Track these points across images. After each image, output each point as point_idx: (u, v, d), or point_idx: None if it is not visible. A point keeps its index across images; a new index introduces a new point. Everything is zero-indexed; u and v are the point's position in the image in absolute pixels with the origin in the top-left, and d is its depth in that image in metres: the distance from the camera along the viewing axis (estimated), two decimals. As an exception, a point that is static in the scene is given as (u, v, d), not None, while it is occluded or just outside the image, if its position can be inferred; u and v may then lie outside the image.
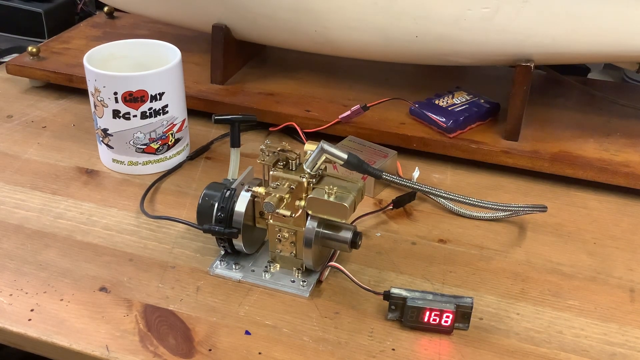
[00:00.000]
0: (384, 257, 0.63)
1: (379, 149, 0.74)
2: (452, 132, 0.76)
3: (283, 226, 0.58)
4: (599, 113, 0.84)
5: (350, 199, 0.55)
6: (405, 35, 0.73)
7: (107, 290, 0.58)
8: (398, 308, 0.55)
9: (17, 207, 0.69)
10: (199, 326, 0.55)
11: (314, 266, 0.58)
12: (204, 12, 0.82)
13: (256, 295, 0.58)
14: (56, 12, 1.09)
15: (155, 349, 0.52)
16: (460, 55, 0.74)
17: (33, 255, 0.62)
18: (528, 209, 0.66)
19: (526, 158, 0.74)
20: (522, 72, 0.72)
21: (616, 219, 0.70)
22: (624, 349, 0.54)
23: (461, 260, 0.63)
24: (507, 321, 0.56)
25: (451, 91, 0.83)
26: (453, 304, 0.54)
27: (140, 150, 0.73)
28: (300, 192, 0.56)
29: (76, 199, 0.70)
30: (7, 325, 0.54)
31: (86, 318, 0.55)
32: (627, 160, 0.73)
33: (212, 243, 0.62)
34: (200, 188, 0.61)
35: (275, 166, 0.57)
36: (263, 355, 0.52)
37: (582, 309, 0.58)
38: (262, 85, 0.87)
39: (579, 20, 0.68)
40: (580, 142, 0.77)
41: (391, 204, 0.69)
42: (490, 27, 0.70)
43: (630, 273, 0.62)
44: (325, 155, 0.55)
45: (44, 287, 0.58)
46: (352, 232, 0.57)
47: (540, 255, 0.64)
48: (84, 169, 0.75)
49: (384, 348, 0.53)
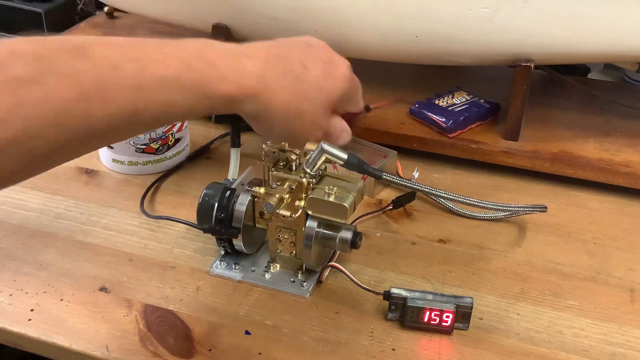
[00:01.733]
0: (384, 257, 0.63)
1: (379, 149, 0.74)
2: (452, 132, 0.76)
3: (283, 226, 0.58)
4: (599, 113, 0.84)
5: (350, 199, 0.55)
6: (405, 35, 0.73)
7: (107, 290, 0.58)
8: (398, 308, 0.55)
9: (17, 207, 0.69)
10: (199, 326, 0.55)
11: (314, 266, 0.58)
12: (204, 12, 0.82)
13: (256, 295, 0.58)
14: (56, 12, 1.08)
15: (155, 349, 0.52)
16: (460, 55, 0.74)
17: (33, 255, 0.62)
18: (528, 209, 0.66)
19: (526, 158, 0.74)
20: (522, 72, 0.72)
21: (616, 219, 0.70)
22: (624, 349, 0.54)
23: (461, 260, 0.63)
24: (507, 321, 0.56)
25: (451, 91, 0.83)
26: (453, 304, 0.54)
27: (140, 150, 0.73)
28: (300, 192, 0.56)
29: (76, 199, 0.70)
30: (7, 325, 0.54)
31: (86, 318, 0.55)
32: (627, 160, 0.73)
33: (212, 243, 0.62)
34: (200, 188, 0.61)
35: (276, 166, 0.57)
36: (263, 355, 0.52)
37: (582, 309, 0.58)
38: (262, 85, 0.87)
39: (579, 20, 0.68)
40: (580, 142, 0.77)
41: (391, 204, 0.69)
42: (490, 27, 0.69)
43: (630, 273, 0.62)
44: (325, 155, 0.55)
45: (44, 287, 0.58)
46: (352, 232, 0.57)
47: (540, 255, 0.64)
48: (84, 169, 0.75)
49: (384, 348, 0.53)
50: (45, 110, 0.36)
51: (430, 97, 0.81)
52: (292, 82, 0.49)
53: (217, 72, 0.44)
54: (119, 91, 0.39)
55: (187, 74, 0.43)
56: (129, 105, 0.40)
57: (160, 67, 0.41)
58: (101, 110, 0.39)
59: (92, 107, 0.38)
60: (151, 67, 0.41)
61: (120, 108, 0.40)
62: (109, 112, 0.39)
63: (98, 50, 0.39)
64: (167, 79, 0.42)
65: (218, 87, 0.44)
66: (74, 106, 0.37)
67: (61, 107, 0.37)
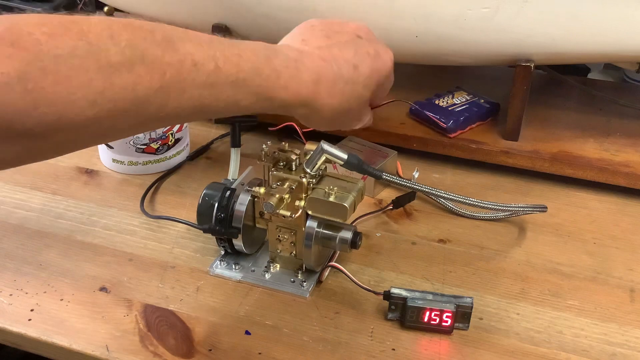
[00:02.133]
0: (384, 257, 0.63)
1: (380, 149, 0.74)
2: (452, 132, 0.76)
3: (283, 226, 0.58)
4: (599, 113, 0.84)
5: (350, 199, 0.55)
6: (405, 35, 0.73)
7: (107, 290, 0.58)
8: (398, 308, 0.55)
9: (17, 207, 0.69)
10: (199, 326, 0.55)
11: (314, 266, 0.58)
12: (204, 12, 0.82)
13: (256, 295, 0.58)
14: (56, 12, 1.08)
15: (155, 349, 0.52)
16: (460, 55, 0.74)
17: (33, 255, 0.62)
18: (528, 209, 0.66)
19: (526, 158, 0.74)
20: (522, 72, 0.72)
21: (616, 219, 0.70)
22: (624, 349, 0.54)
23: (461, 260, 0.63)
24: (507, 321, 0.56)
25: (451, 91, 0.83)
26: (453, 304, 0.54)
27: (140, 150, 0.73)
28: (300, 192, 0.56)
29: (76, 199, 0.70)
30: (7, 325, 0.54)
31: (86, 318, 0.55)
32: (627, 160, 0.73)
33: (212, 243, 0.62)
34: (200, 188, 0.61)
35: (276, 166, 0.57)
36: (263, 355, 0.52)
37: (582, 309, 0.58)
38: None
39: (579, 20, 0.68)
40: (580, 142, 0.77)
41: (391, 204, 0.69)
42: (490, 27, 0.69)
43: (630, 273, 0.62)
44: (325, 155, 0.55)
45: (44, 287, 0.58)
46: (352, 232, 0.57)
47: (540, 255, 0.64)
48: (84, 169, 0.75)
49: (384, 348, 0.53)
50: (129, 97, 0.39)
51: (430, 97, 0.81)
52: (343, 86, 0.52)
53: (281, 81, 0.47)
54: (194, 87, 0.42)
55: (256, 79, 0.46)
56: (200, 99, 0.43)
57: (235, 70, 0.44)
58: (175, 101, 0.41)
59: (169, 98, 0.41)
60: (226, 68, 0.43)
61: (192, 101, 0.42)
62: (180, 104, 0.42)
63: (183, 45, 0.41)
64: (238, 81, 0.44)
65: (279, 94, 0.47)
66: (154, 96, 0.40)
67: (143, 95, 0.39)
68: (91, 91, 0.37)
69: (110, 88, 0.38)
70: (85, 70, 0.36)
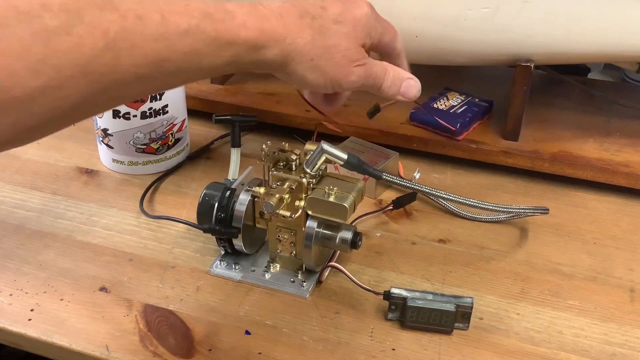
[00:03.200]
0: (384, 257, 0.63)
1: (381, 150, 0.74)
2: (459, 134, 0.75)
3: (283, 226, 0.58)
4: (599, 113, 0.84)
5: (350, 200, 0.55)
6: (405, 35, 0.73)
7: (107, 290, 0.58)
8: (398, 308, 0.55)
9: (17, 207, 0.69)
10: (199, 326, 0.55)
11: (314, 266, 0.58)
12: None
13: (256, 295, 0.58)
14: None
15: (155, 348, 0.52)
16: (460, 55, 0.74)
17: (33, 255, 0.62)
18: (530, 211, 0.66)
19: (526, 158, 0.74)
20: (522, 72, 0.72)
21: (616, 219, 0.70)
22: (624, 349, 0.54)
23: (461, 260, 0.63)
24: (507, 321, 0.56)
25: (442, 93, 0.82)
26: (453, 304, 0.54)
27: (140, 150, 0.73)
28: (300, 192, 0.56)
29: (76, 199, 0.70)
30: (7, 325, 0.54)
31: (86, 318, 0.55)
32: (627, 160, 0.73)
33: (212, 243, 0.62)
34: (200, 188, 0.61)
35: (276, 166, 0.57)
36: (263, 355, 0.52)
37: (582, 309, 0.58)
38: (262, 85, 0.87)
39: (579, 20, 0.68)
40: (580, 142, 0.77)
41: (391, 204, 0.69)
42: (490, 27, 0.69)
43: (630, 273, 0.62)
44: (325, 155, 0.55)
45: (44, 287, 0.58)
46: (352, 233, 0.57)
47: (541, 255, 0.64)
48: (84, 169, 0.75)
49: (384, 348, 0.53)
50: (74, 61, 0.37)
51: (425, 101, 0.80)
52: (311, 21, 0.49)
53: (237, 19, 0.45)
54: (144, 40, 0.41)
55: (208, 22, 0.44)
56: (154, 54, 0.41)
57: (184, 18, 0.43)
58: (127, 59, 0.40)
59: (119, 56, 0.39)
60: (174, 17, 0.42)
61: (146, 57, 0.41)
62: (134, 61, 0.40)
63: (124, 2, 0.40)
64: (190, 28, 0.43)
65: (239, 34, 0.45)
66: (101, 56, 0.39)
67: (89, 57, 0.38)
68: (31, 59, 0.36)
69: (52, 54, 0.36)
70: (19, 39, 0.35)
